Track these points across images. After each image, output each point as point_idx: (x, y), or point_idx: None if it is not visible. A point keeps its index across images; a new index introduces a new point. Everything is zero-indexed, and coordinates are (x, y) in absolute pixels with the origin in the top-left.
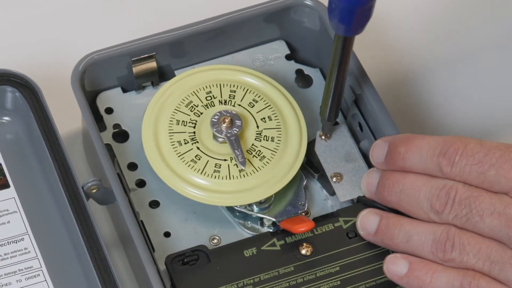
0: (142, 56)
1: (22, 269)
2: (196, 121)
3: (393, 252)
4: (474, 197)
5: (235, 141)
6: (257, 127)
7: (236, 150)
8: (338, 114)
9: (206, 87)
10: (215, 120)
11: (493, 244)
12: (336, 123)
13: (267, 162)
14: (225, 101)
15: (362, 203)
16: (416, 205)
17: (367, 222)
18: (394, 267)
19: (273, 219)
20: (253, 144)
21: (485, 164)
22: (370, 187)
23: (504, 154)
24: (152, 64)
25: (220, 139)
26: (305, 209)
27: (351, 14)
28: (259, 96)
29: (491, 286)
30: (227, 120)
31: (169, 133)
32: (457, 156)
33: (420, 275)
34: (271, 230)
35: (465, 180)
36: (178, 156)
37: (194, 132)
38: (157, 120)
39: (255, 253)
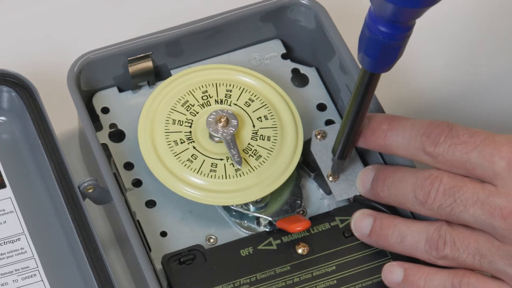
0: (138, 56)
1: (18, 269)
2: (192, 120)
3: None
4: (458, 187)
5: (231, 141)
6: (253, 126)
7: (232, 150)
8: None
9: (202, 86)
10: (211, 120)
11: (480, 237)
12: (333, 122)
13: (263, 161)
14: (221, 101)
15: (358, 202)
16: (403, 197)
17: (361, 224)
18: (391, 275)
19: (270, 219)
20: (249, 144)
21: (470, 145)
22: (365, 184)
23: (489, 137)
24: (148, 64)
25: (216, 139)
26: (302, 208)
27: (378, 48)
28: (255, 96)
29: (480, 281)
30: (223, 120)
31: (165, 132)
32: (442, 137)
33: (415, 280)
34: (267, 230)
35: (447, 160)
36: (174, 156)
37: (190, 132)
38: (153, 120)
39: (251, 252)
